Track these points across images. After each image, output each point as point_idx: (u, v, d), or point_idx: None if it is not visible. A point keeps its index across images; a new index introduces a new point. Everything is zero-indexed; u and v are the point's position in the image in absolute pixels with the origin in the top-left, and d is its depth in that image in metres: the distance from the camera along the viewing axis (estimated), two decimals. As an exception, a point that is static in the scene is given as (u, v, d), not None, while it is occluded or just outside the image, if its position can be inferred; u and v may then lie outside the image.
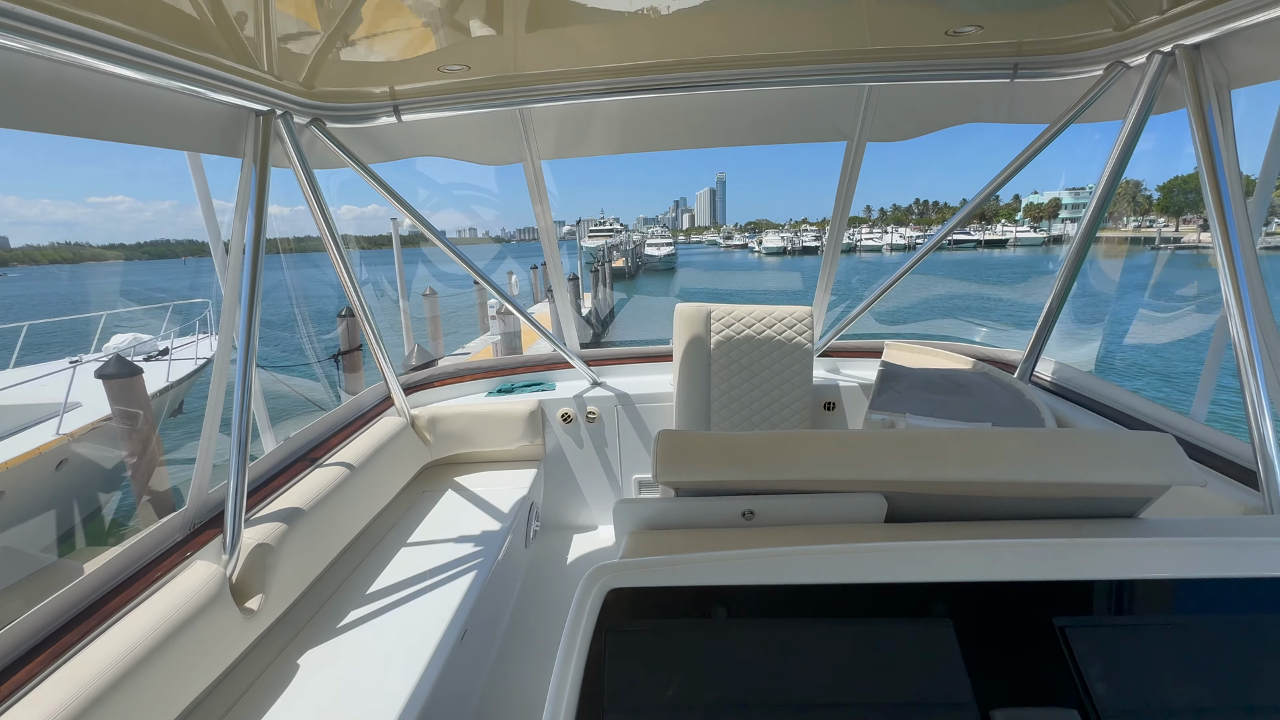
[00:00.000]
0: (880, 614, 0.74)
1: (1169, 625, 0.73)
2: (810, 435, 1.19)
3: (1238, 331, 1.52)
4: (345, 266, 2.31)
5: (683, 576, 0.78)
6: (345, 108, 2.10)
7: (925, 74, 2.02)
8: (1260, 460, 1.46)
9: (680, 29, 1.72)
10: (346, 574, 2.08)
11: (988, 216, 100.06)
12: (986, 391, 2.42)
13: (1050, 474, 1.08)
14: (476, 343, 13.53)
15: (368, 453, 2.32)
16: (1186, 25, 1.58)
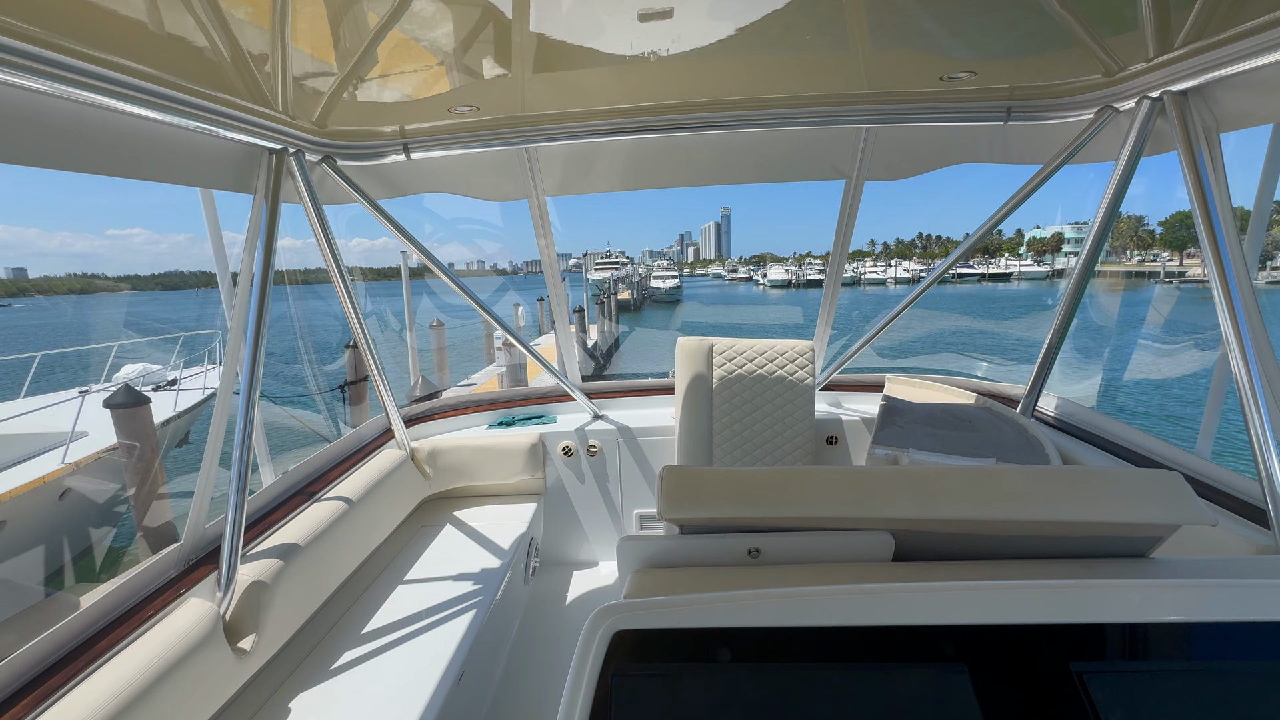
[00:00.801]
0: (892, 658, 0.73)
1: (1187, 671, 0.71)
2: (817, 471, 1.19)
3: (1239, 369, 1.51)
4: (350, 299, 2.34)
5: (690, 618, 0.77)
6: (356, 146, 2.17)
7: (921, 116, 2.08)
8: (1269, 498, 1.44)
9: (683, 72, 1.78)
10: (341, 612, 2.05)
11: (991, 250, 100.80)
12: (990, 427, 2.40)
13: (1059, 513, 1.07)
14: (481, 374, 13.58)
15: (366, 486, 2.31)
16: (1173, 73, 1.62)
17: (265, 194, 1.87)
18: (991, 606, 0.75)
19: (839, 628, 0.75)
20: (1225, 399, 1.86)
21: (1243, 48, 1.41)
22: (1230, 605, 0.75)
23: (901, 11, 1.42)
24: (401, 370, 10.17)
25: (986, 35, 1.60)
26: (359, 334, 2.42)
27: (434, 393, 6.90)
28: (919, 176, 2.43)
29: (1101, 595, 0.76)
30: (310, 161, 2.13)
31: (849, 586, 0.79)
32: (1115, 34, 1.55)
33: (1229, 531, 1.55)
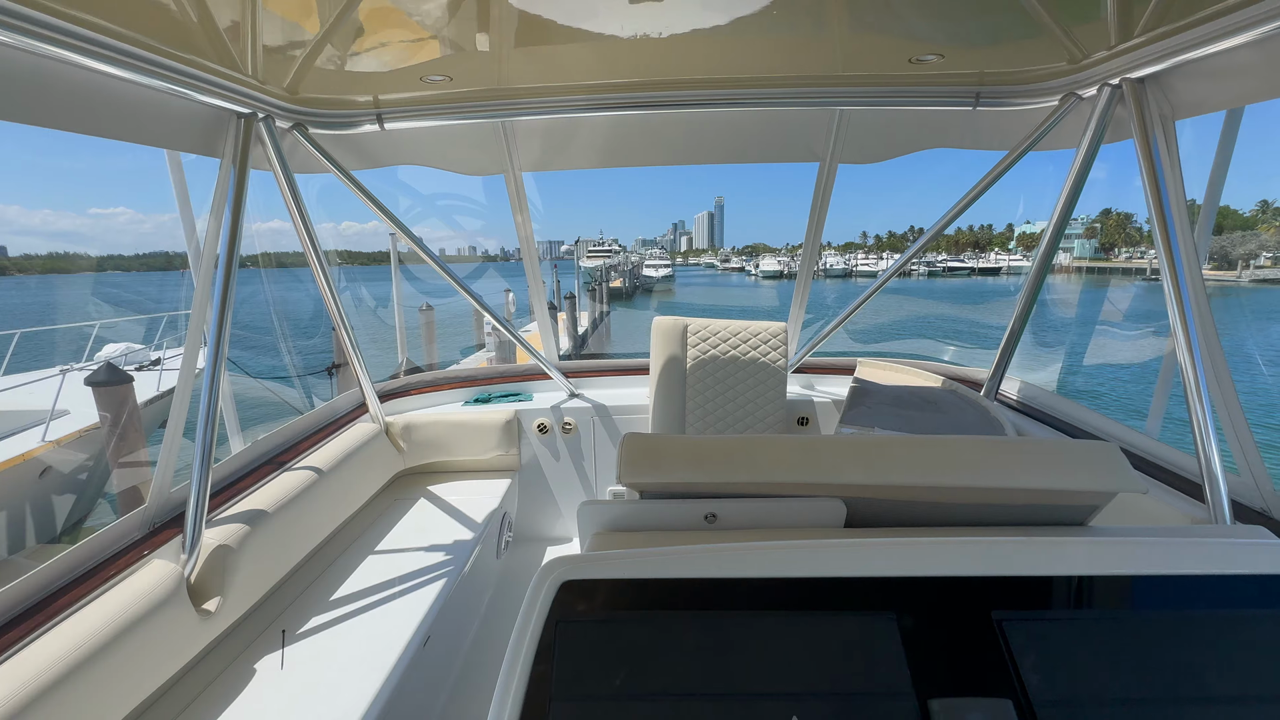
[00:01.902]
0: (825, 607, 0.76)
1: (1101, 619, 0.76)
2: (772, 440, 1.22)
3: (1184, 354, 1.56)
4: (324, 273, 2.34)
5: (635, 570, 0.80)
6: (328, 114, 2.16)
7: (892, 99, 2.10)
8: (1205, 475, 1.49)
9: (662, 50, 1.79)
10: (311, 579, 2.08)
11: (982, 245, 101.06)
12: (954, 408, 2.45)
13: (1001, 480, 1.11)
14: (471, 359, 13.55)
15: (338, 458, 2.33)
16: (1132, 60, 1.65)
17: (233, 158, 1.87)
18: (919, 560, 0.79)
19: (775, 579, 0.78)
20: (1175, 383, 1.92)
21: (1198, 35, 1.44)
22: (1142, 560, 0.79)
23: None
24: (392, 352, 10.12)
25: (955, 20, 1.62)
26: (333, 309, 2.42)
27: (415, 369, 6.91)
28: (911, 171, 2.47)
29: (1022, 550, 0.80)
30: (281, 128, 2.12)
31: (787, 542, 0.82)
32: (1080, 22, 1.58)
33: (1167, 504, 1.61)
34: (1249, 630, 0.74)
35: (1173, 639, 0.74)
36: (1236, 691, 0.70)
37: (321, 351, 9.95)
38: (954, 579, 0.78)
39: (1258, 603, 0.76)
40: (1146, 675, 0.71)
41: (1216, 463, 1.48)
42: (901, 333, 22.73)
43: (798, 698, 0.69)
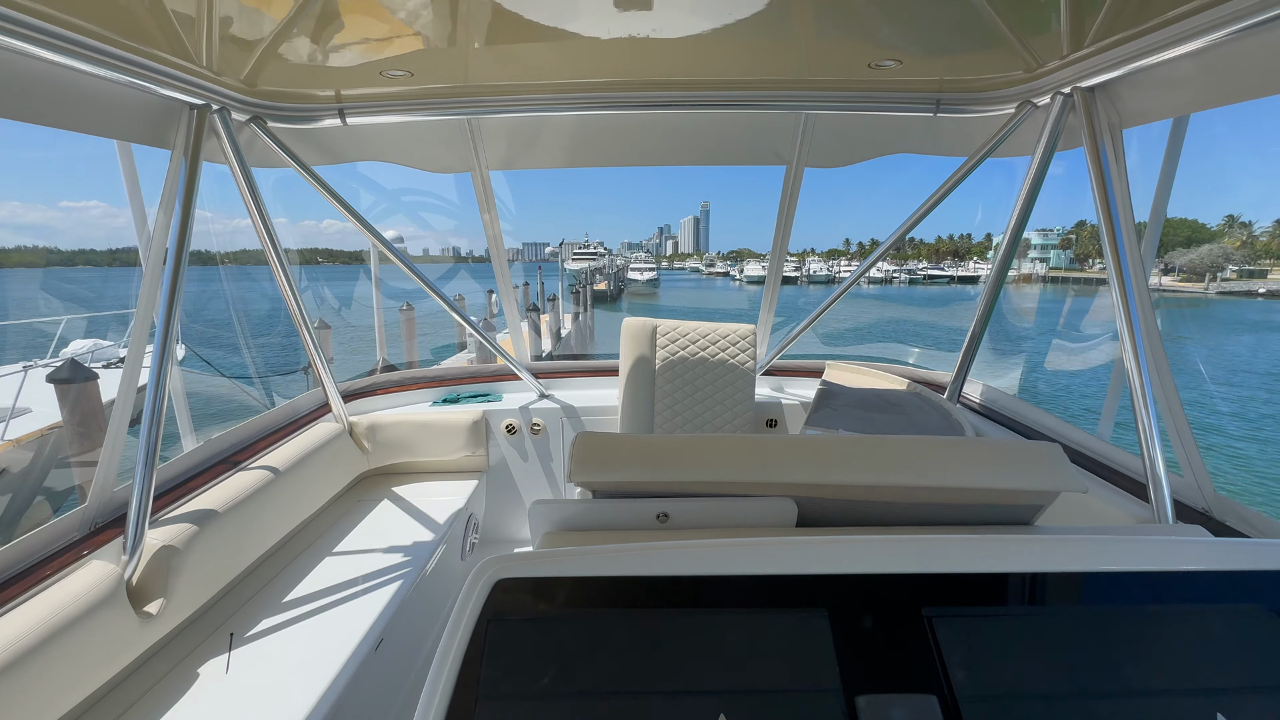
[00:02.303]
0: (759, 605, 0.76)
1: (1030, 616, 0.77)
2: (723, 439, 1.23)
3: (1130, 361, 1.59)
4: (284, 270, 2.30)
5: (568, 568, 0.79)
6: (288, 108, 2.13)
7: (856, 104, 2.13)
8: (1150, 477, 1.52)
9: (628, 50, 1.79)
10: (264, 581, 2.03)
11: (961, 254, 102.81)
12: (917, 410, 2.48)
13: (946, 480, 1.12)
14: (453, 360, 13.43)
15: (297, 458, 2.29)
16: (1082, 69, 1.69)
17: (185, 150, 1.82)
18: (852, 557, 0.79)
19: (708, 577, 0.78)
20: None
21: (1142, 45, 1.48)
22: (1065, 557, 0.80)
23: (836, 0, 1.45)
24: (363, 354, 10.00)
25: (916, 28, 1.64)
26: (293, 306, 2.38)
27: (390, 368, 6.81)
28: (895, 178, 2.49)
29: (953, 547, 0.81)
30: (237, 121, 2.08)
31: (716, 541, 0.82)
32: (1035, 32, 1.61)
33: (1114, 504, 1.64)
34: (1173, 625, 0.75)
35: (1099, 634, 0.75)
36: (1159, 686, 0.70)
37: (302, 349, 9.80)
38: (886, 576, 0.78)
39: (1183, 598, 0.77)
40: (1072, 670, 0.71)
41: (1160, 465, 1.52)
42: (872, 337, 23.14)
43: (726, 696, 0.69)
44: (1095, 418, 2.09)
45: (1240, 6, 1.21)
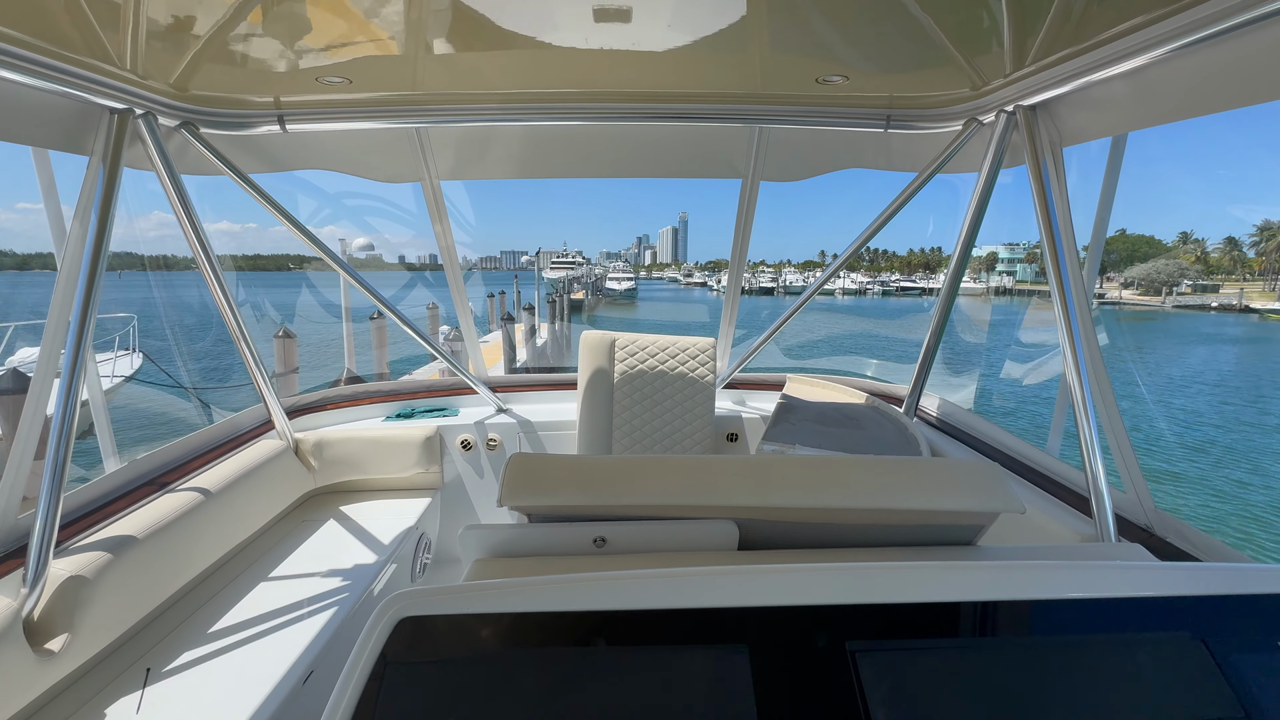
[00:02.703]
0: (675, 642, 0.72)
1: (956, 648, 0.74)
2: (663, 460, 1.19)
3: (1072, 376, 1.60)
4: (218, 280, 2.20)
5: (477, 604, 0.74)
6: (222, 114, 2.04)
7: (809, 119, 2.12)
8: (1093, 492, 1.53)
9: (581, 61, 1.76)
10: (189, 611, 1.92)
11: (933, 267, 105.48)
12: (874, 425, 2.48)
13: (886, 501, 1.10)
14: (424, 370, 13.19)
15: (233, 477, 2.18)
16: (1025, 88, 1.72)
17: (103, 157, 1.73)
18: (775, 590, 0.75)
19: (621, 612, 0.73)
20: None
21: (1079, 65, 1.50)
22: (993, 586, 0.77)
23: (787, 15, 1.45)
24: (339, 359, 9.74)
25: (863, 44, 1.64)
26: (231, 319, 2.27)
27: (355, 379, 6.62)
28: (867, 193, 2.50)
29: (879, 577, 0.78)
30: (166, 126, 1.99)
31: (631, 572, 0.78)
32: (981, 52, 1.62)
33: (1059, 521, 1.64)
34: (1104, 655, 0.73)
35: (1028, 665, 0.72)
36: (1088, 716, 0.68)
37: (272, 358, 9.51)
38: (810, 608, 0.74)
39: (1117, 626, 0.75)
40: (999, 704, 0.69)
41: (1103, 480, 1.52)
42: (841, 349, 23.61)
43: None
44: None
45: (1170, 29, 1.23)
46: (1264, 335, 35.43)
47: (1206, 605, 0.77)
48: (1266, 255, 65.91)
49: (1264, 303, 51.55)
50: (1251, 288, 60.76)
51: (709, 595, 0.75)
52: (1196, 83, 1.29)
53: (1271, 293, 57.34)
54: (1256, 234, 68.61)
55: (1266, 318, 45.33)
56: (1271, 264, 64.96)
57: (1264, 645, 0.74)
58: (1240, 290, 58.62)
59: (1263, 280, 63.77)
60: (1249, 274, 66.45)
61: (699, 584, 0.76)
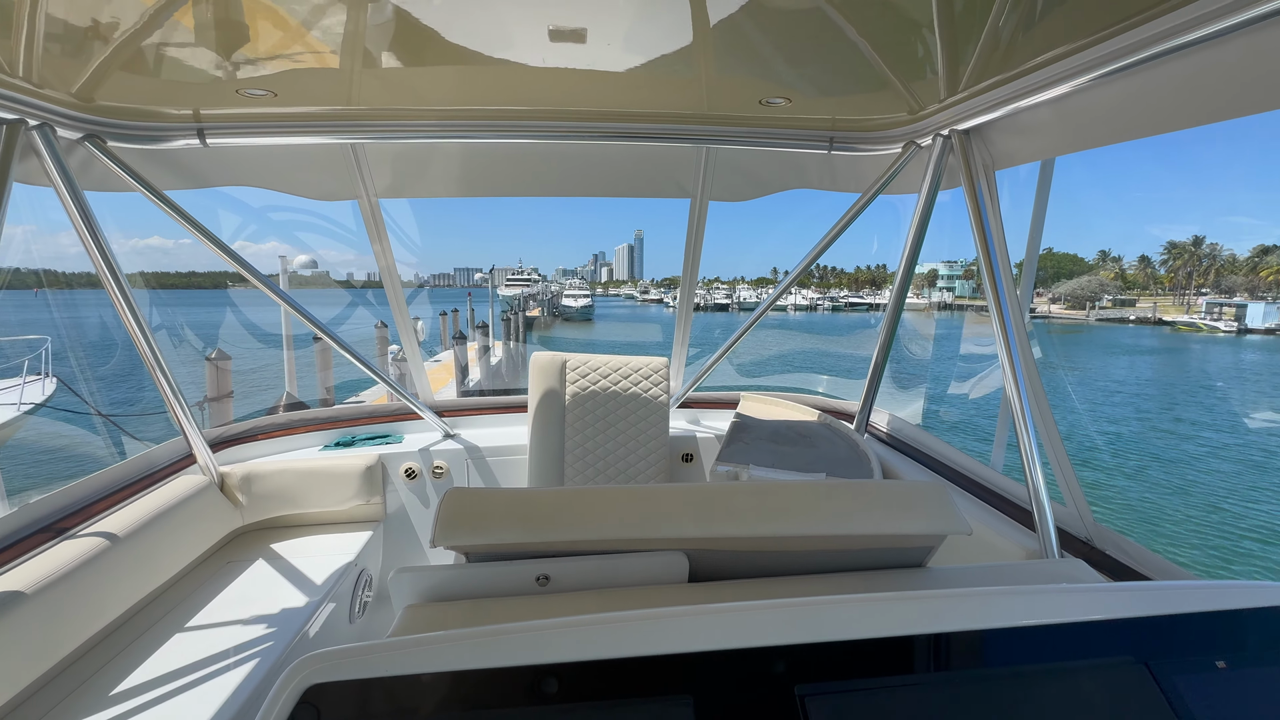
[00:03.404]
0: (613, 696, 0.66)
1: (909, 685, 0.71)
2: (607, 491, 1.15)
3: (1011, 390, 1.64)
4: (127, 302, 2.02)
5: (397, 664, 0.66)
6: (134, 126, 1.89)
7: (754, 140, 2.14)
8: (1035, 507, 1.55)
9: (530, 78, 1.71)
10: (88, 674, 1.72)
11: (878, 283, 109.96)
12: (826, 442, 2.49)
13: (834, 527, 1.08)
14: (370, 393, 12.70)
15: (146, 518, 1.99)
16: (958, 113, 1.78)
17: None
18: (718, 632, 0.71)
19: (555, 665, 0.67)
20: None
21: (1007, 92, 1.56)
22: (938, 617, 0.75)
23: (731, 37, 1.44)
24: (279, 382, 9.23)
25: (805, 69, 1.67)
26: (142, 344, 2.09)
27: (298, 405, 6.23)
28: (814, 211, 2.52)
29: (828, 612, 0.74)
30: (67, 139, 1.83)
31: (569, 620, 0.72)
32: (917, 78, 1.67)
33: (1004, 536, 1.66)
34: (1051, 681, 0.72)
35: (976, 697, 0.70)
36: None
37: (189, 384, 8.95)
38: (758, 650, 0.70)
39: (1061, 653, 0.74)
40: None
41: (1044, 495, 1.55)
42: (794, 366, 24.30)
43: None
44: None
45: (1090, 59, 1.29)
46: (1177, 346, 38.41)
47: (1148, 627, 0.77)
48: (1174, 272, 71.68)
49: (1174, 315, 56.01)
50: (1164, 302, 65.95)
51: (650, 641, 0.70)
52: (1116, 111, 1.35)
53: (1180, 306, 62.37)
54: (1164, 253, 74.67)
55: (1177, 329, 49.19)
56: (1179, 280, 70.67)
57: (1204, 665, 0.74)
58: (1154, 304, 63.56)
59: (1172, 295, 69.25)
60: (1160, 289, 72.05)
61: (638, 630, 0.71)
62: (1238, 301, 54.86)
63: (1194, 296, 67.02)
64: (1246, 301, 54.58)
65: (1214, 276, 70.06)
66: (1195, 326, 48.82)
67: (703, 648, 0.70)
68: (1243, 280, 68.07)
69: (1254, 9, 0.98)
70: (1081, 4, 1.14)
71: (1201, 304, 59.21)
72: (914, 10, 1.25)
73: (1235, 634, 0.78)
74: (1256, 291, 64.92)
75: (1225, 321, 47.93)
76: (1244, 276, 68.45)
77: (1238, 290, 66.68)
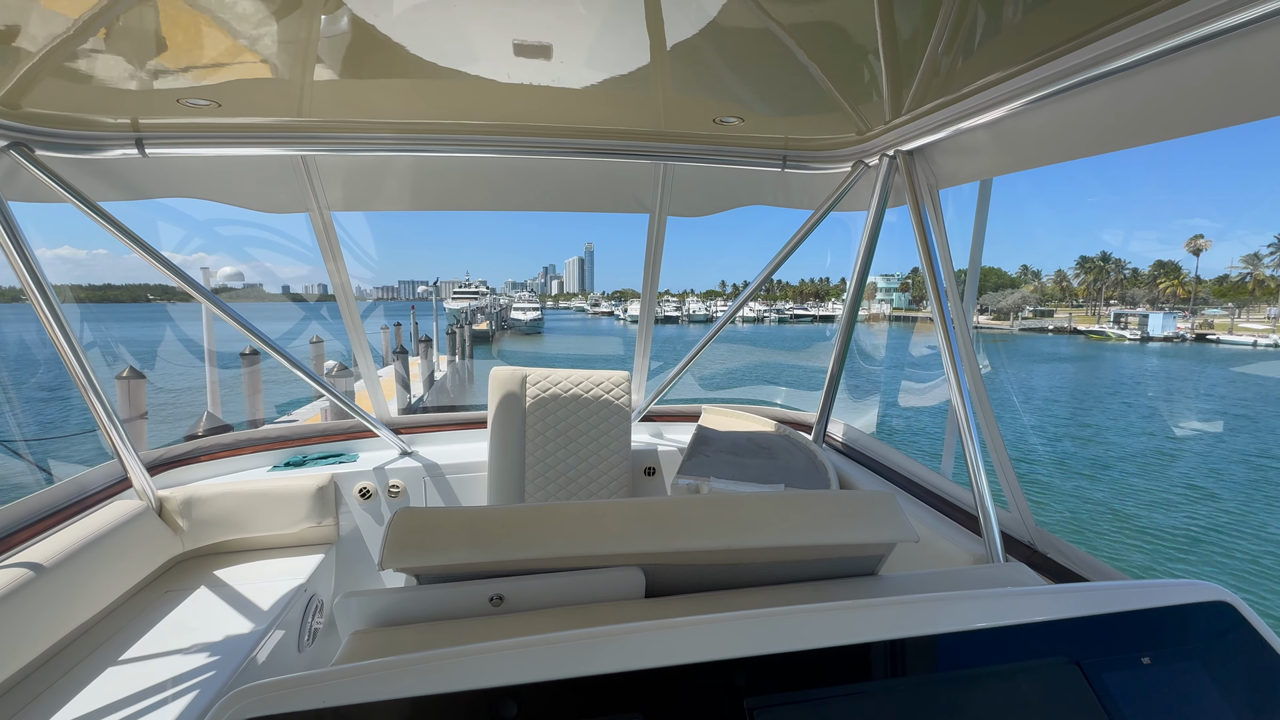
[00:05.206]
0: (567, 715, 0.66)
1: (850, 694, 0.72)
2: (560, 508, 1.13)
3: (956, 399, 1.74)
4: (55, 318, 1.88)
5: (336, 694, 0.64)
6: (65, 135, 1.77)
7: (709, 157, 2.20)
8: (980, 513, 1.64)
9: (488, 93, 1.70)
10: (9, 714, 1.57)
11: (823, 295, 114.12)
12: (785, 453, 2.56)
13: (786, 539, 1.10)
14: (308, 409, 12.08)
15: (75, 547, 1.84)
16: (902, 134, 1.88)
17: None
18: (667, 648, 0.71)
19: (503, 689, 0.66)
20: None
21: (947, 115, 1.67)
22: (884, 625, 0.78)
23: (687, 57, 1.48)
24: (201, 402, 8.62)
25: (757, 89, 1.73)
26: (71, 362, 1.95)
27: (221, 428, 5.83)
28: (761, 225, 2.58)
29: (778, 624, 0.76)
30: None
31: (516, 640, 0.71)
32: (864, 101, 1.76)
33: (952, 542, 1.75)
34: (992, 682, 0.75)
35: (922, 701, 0.73)
36: None
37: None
38: (709, 665, 0.71)
39: (1003, 655, 0.78)
40: None
41: (989, 501, 1.64)
42: (749, 380, 24.92)
43: None
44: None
45: (1023, 84, 1.40)
46: (1090, 354, 41.60)
47: (1081, 627, 0.82)
48: (1087, 286, 77.65)
49: (1087, 325, 60.67)
50: (1078, 313, 71.30)
51: (603, 660, 0.70)
52: (1046, 134, 1.47)
53: (1092, 316, 67.57)
54: (1077, 268, 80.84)
55: (1089, 337, 53.26)
56: (1091, 293, 76.57)
57: (1131, 662, 0.80)
58: (1070, 314, 68.61)
59: (1085, 307, 74.96)
60: (1074, 301, 77.87)
61: (590, 648, 0.71)
62: (1140, 312, 60.09)
63: (1103, 308, 72.74)
64: (1148, 312, 59.85)
65: (1119, 290, 76.37)
66: (1104, 335, 53.02)
67: (656, 664, 0.70)
68: (1143, 293, 74.48)
69: (1165, 42, 1.08)
70: (1014, 34, 1.24)
71: (1110, 314, 64.40)
72: (860, 37, 1.32)
73: (1161, 630, 0.83)
74: (1157, 303, 71.23)
75: (1130, 330, 52.30)
76: (1144, 289, 74.91)
77: (1140, 302, 72.96)
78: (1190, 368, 34.66)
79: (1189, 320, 55.72)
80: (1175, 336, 50.76)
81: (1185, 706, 0.76)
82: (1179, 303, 71.15)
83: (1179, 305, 70.12)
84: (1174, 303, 71.35)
